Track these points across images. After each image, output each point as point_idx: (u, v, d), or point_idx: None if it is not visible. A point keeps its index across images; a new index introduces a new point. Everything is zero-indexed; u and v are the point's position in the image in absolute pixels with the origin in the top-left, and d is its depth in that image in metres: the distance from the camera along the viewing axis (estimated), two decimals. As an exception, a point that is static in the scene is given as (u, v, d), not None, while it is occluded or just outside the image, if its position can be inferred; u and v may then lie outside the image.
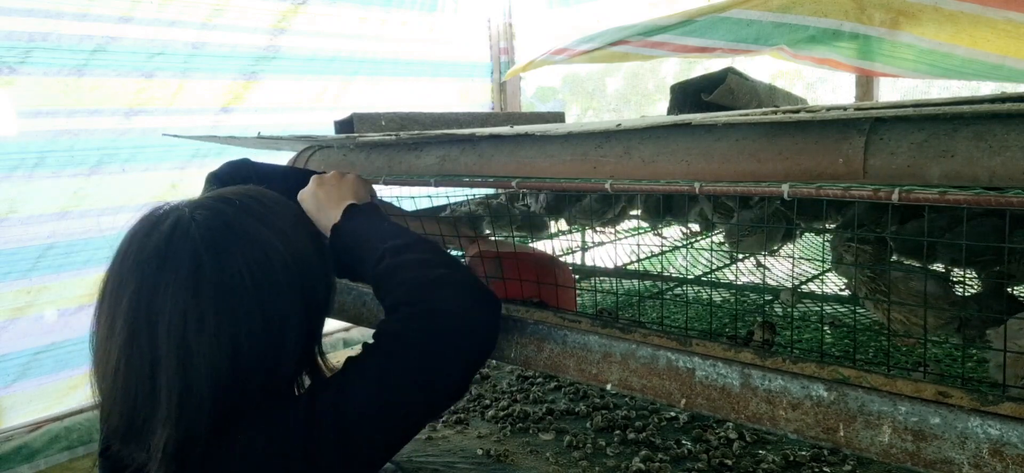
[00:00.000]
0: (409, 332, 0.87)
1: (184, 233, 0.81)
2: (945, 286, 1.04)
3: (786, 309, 1.34)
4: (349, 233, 1.06)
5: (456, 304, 0.90)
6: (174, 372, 0.76)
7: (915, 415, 0.73)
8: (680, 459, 1.66)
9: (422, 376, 0.85)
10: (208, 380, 0.77)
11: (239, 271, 0.81)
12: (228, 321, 0.79)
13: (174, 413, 0.76)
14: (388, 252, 0.98)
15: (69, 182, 2.28)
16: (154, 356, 0.77)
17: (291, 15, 2.86)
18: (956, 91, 3.04)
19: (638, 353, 0.96)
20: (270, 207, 0.91)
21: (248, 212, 0.87)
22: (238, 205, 0.87)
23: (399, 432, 0.87)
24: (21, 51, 2.17)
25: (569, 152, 1.14)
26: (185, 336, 0.77)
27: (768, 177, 0.90)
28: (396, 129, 1.72)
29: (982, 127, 0.76)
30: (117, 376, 0.78)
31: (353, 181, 1.16)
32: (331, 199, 1.10)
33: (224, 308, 0.79)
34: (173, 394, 0.76)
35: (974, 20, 1.71)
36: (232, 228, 0.84)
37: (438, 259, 0.98)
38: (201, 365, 0.77)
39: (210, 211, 0.84)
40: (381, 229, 1.05)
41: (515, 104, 3.84)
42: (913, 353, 1.18)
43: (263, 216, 0.88)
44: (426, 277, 0.93)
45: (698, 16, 2.00)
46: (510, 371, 2.28)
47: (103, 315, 0.81)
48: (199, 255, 0.80)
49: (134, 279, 0.79)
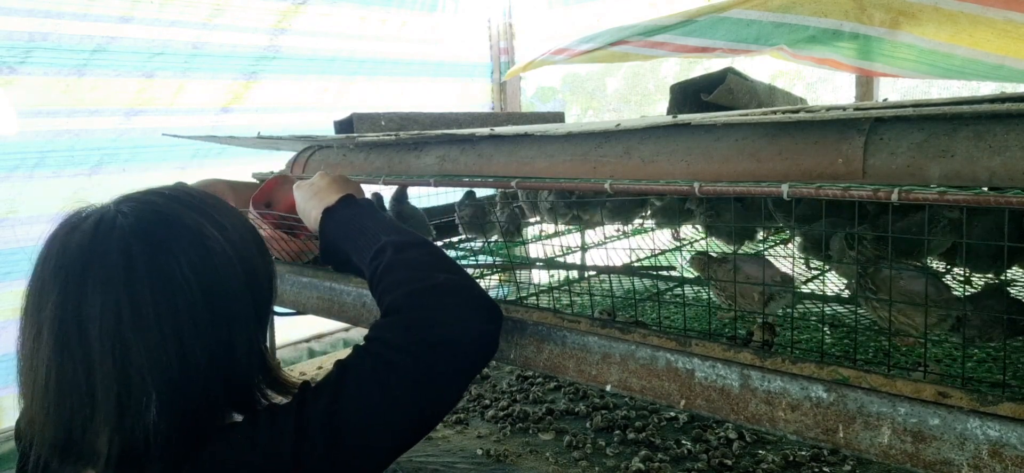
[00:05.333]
0: (408, 341, 0.83)
1: (109, 228, 0.75)
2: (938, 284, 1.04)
3: (786, 309, 1.34)
4: (345, 220, 1.04)
5: (457, 315, 0.87)
6: (111, 371, 0.71)
7: (914, 416, 0.73)
8: (680, 459, 1.66)
9: (420, 387, 0.81)
10: (152, 377, 0.72)
11: (176, 261, 0.75)
12: (168, 314, 0.73)
13: (114, 413, 0.71)
14: (391, 246, 0.95)
15: (69, 182, 2.28)
16: (88, 360, 0.71)
17: (291, 15, 2.86)
18: (956, 91, 3.04)
19: (637, 354, 0.96)
20: (202, 198, 0.85)
21: (180, 202, 0.82)
22: (168, 195, 0.82)
23: (394, 443, 0.82)
24: (21, 51, 2.18)
25: (569, 152, 1.13)
26: (120, 332, 0.71)
27: (768, 177, 0.90)
28: (396, 129, 1.72)
29: (982, 127, 0.76)
30: (49, 389, 0.72)
31: (354, 182, 1.16)
32: (328, 189, 1.09)
33: (163, 300, 0.73)
34: (111, 394, 0.71)
35: (974, 20, 1.71)
36: (164, 218, 0.78)
37: (441, 263, 0.95)
38: (141, 362, 0.72)
39: (138, 203, 0.79)
40: (382, 221, 1.03)
41: (515, 104, 3.84)
42: (913, 353, 1.18)
43: (196, 206, 0.82)
44: (427, 282, 0.89)
45: (698, 16, 2.00)
46: (510, 371, 2.28)
47: (27, 327, 0.75)
48: (129, 247, 0.74)
49: (57, 284, 0.73)
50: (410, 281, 0.90)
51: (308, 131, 2.72)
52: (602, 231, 1.91)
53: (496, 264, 1.80)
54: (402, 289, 0.89)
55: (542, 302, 1.38)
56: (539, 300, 1.43)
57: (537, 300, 1.42)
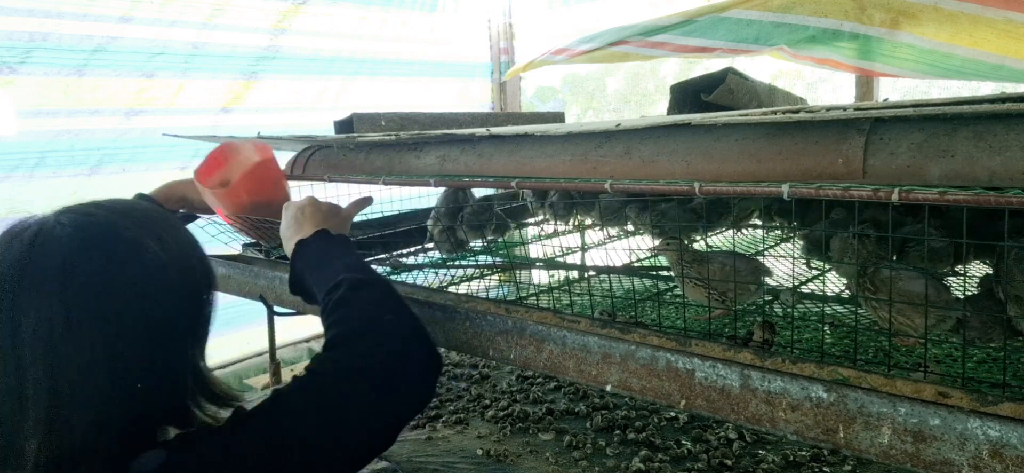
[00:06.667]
0: (343, 379, 0.85)
1: (47, 238, 0.76)
2: (938, 285, 1.05)
3: (786, 309, 1.34)
4: (313, 252, 1.07)
5: (395, 360, 0.88)
6: (42, 379, 0.72)
7: (915, 416, 0.73)
8: (680, 459, 1.66)
9: (350, 426, 0.83)
10: (82, 388, 0.73)
11: (113, 272, 0.77)
12: (102, 325, 0.75)
13: (44, 421, 0.72)
14: (346, 282, 0.98)
15: (69, 182, 2.28)
16: (20, 368, 0.72)
17: (291, 15, 2.86)
18: (956, 91, 3.04)
19: (637, 354, 0.96)
20: (145, 212, 0.87)
21: (120, 215, 0.83)
22: (108, 208, 0.84)
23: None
24: (21, 51, 2.18)
25: (569, 152, 1.13)
26: (52, 341, 0.72)
27: (768, 177, 0.90)
28: (396, 129, 1.72)
29: (982, 127, 0.76)
30: None
31: (337, 214, 1.18)
32: (308, 220, 1.13)
33: (97, 312, 0.75)
34: (41, 402, 0.72)
35: (974, 20, 1.71)
36: (103, 230, 0.79)
37: (390, 306, 0.97)
38: (72, 372, 0.73)
39: (78, 215, 0.80)
40: (346, 259, 1.05)
41: (515, 104, 3.84)
42: (913, 353, 1.18)
43: (137, 220, 0.83)
44: (372, 321, 0.92)
45: (698, 16, 2.00)
46: (510, 371, 2.28)
47: None
48: (66, 257, 0.75)
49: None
50: (357, 319, 0.92)
51: (308, 131, 2.73)
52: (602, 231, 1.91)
53: (496, 264, 1.80)
54: (346, 326, 0.92)
55: (542, 302, 1.38)
56: (539, 300, 1.43)
57: (537, 300, 1.42)
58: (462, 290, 1.56)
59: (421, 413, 0.95)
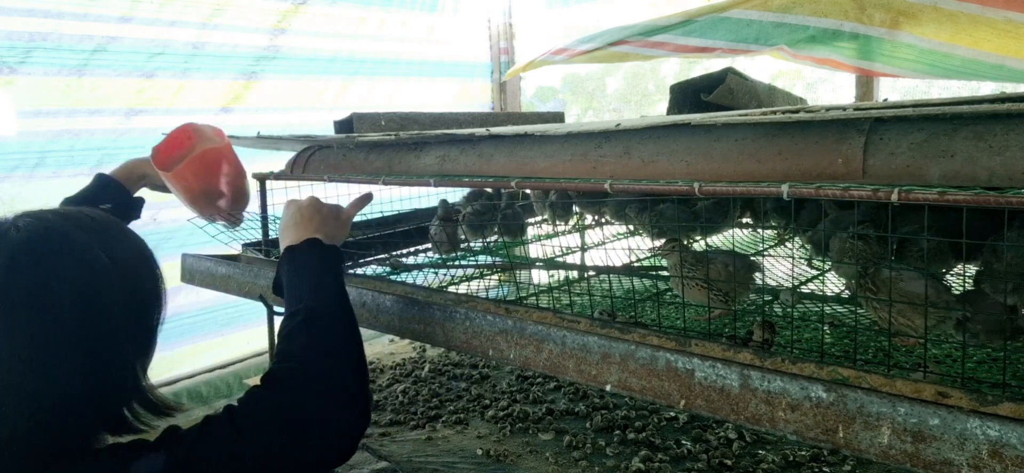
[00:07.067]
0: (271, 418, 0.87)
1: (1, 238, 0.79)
2: (938, 285, 1.05)
3: (786, 309, 1.34)
4: (296, 262, 1.09)
5: (326, 409, 0.90)
6: None
7: (914, 416, 0.73)
8: (680, 459, 1.66)
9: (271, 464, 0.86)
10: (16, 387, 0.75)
11: (57, 278, 0.78)
12: (40, 328, 0.76)
13: None
14: (303, 313, 0.99)
15: (69, 182, 2.28)
16: None
17: (291, 15, 2.86)
18: (956, 91, 3.04)
19: (637, 354, 0.96)
20: (101, 221, 0.89)
21: (73, 222, 0.85)
22: (63, 214, 0.86)
23: None
24: (21, 51, 2.18)
25: (569, 152, 1.14)
26: None
27: (767, 177, 0.90)
28: (396, 129, 1.72)
29: (982, 127, 0.76)
30: None
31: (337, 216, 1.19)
32: (306, 221, 1.14)
33: (37, 314, 0.76)
34: None
35: (974, 20, 1.71)
36: (54, 236, 0.81)
37: (336, 349, 0.98)
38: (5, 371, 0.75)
39: (34, 218, 0.83)
40: (321, 280, 1.06)
41: (515, 104, 3.84)
42: (913, 353, 1.18)
43: (89, 227, 0.85)
44: (309, 365, 0.94)
45: (698, 16, 2.00)
46: (510, 371, 2.28)
47: None
48: (14, 259, 0.77)
49: None
50: (297, 358, 0.95)
51: (308, 131, 2.73)
52: (602, 231, 1.91)
53: (496, 264, 1.80)
54: (285, 363, 0.94)
55: (542, 302, 1.38)
56: (539, 300, 1.43)
57: (537, 300, 1.42)
58: (462, 290, 1.56)
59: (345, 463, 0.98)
